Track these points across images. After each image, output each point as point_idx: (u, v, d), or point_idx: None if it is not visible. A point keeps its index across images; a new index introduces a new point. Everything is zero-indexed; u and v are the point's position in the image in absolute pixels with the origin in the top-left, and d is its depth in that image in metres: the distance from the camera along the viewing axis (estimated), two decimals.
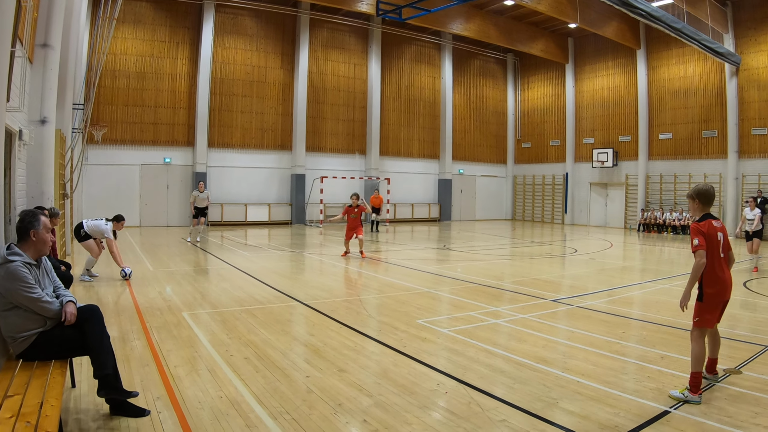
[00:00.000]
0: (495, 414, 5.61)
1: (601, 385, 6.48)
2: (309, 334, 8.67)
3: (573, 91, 38.76)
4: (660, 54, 33.22)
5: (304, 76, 32.66)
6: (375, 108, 35.65)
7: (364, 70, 35.67)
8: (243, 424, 5.22)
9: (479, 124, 41.97)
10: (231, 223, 30.50)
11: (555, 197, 40.17)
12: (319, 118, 33.95)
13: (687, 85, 32.02)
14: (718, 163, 30.48)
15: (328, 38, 34.16)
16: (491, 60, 42.11)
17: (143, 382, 6.19)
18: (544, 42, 37.09)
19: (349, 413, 5.56)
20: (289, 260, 18.08)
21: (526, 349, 7.98)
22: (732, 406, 5.87)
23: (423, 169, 38.78)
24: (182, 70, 29.60)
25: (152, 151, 28.86)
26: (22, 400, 4.25)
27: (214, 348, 7.67)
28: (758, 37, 28.54)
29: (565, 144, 39.12)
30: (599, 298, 11.96)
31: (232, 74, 31.02)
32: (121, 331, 8.27)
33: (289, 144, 32.90)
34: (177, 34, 29.37)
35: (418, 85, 38.38)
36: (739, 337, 8.76)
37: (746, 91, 29.07)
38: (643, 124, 33.90)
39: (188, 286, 12.63)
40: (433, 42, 38.50)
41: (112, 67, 27.26)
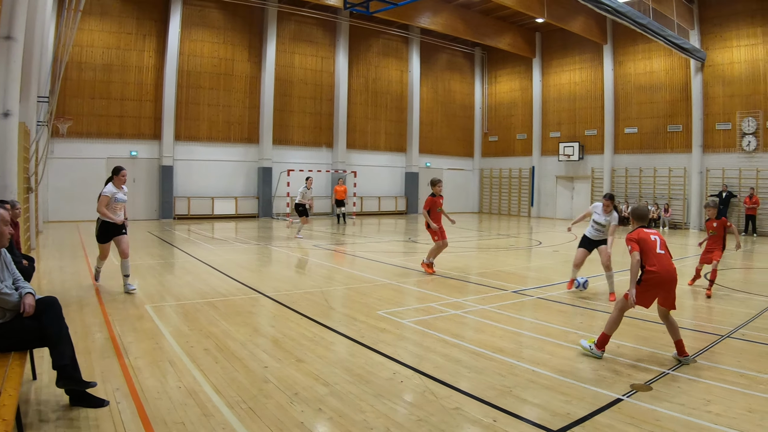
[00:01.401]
0: (448, 402, 5.74)
1: (556, 374, 6.64)
2: (269, 325, 8.76)
3: (540, 85, 39.04)
4: (626, 49, 33.58)
5: (271, 68, 32.57)
6: (342, 101, 35.64)
7: (332, 63, 35.64)
8: (200, 413, 5.30)
9: (446, 118, 42.12)
10: (198, 216, 30.39)
11: (521, 190, 40.46)
12: (286, 111, 33.87)
13: (653, 80, 32.42)
14: (682, 157, 30.90)
15: (296, 31, 34.08)
16: (459, 54, 42.27)
17: (103, 374, 6.23)
18: (512, 36, 37.31)
19: (305, 402, 5.66)
20: (255, 253, 18.10)
21: (483, 339, 8.13)
22: (684, 394, 6.04)
23: (390, 162, 38.87)
24: (149, 63, 29.36)
25: (118, 144, 28.60)
26: None
27: (175, 340, 7.72)
28: (723, 33, 28.95)
29: (532, 138, 39.42)
30: (561, 290, 12.15)
31: (199, 67, 30.85)
32: (84, 324, 8.28)
33: (255, 137, 32.82)
34: (144, 26, 29.12)
35: (385, 78, 38.44)
36: (698, 327, 8.99)
37: (711, 86, 29.50)
38: (609, 118, 34.26)
39: (152, 279, 12.63)
40: (401, 35, 38.56)
41: (78, 59, 26.97)
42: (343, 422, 5.20)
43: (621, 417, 5.44)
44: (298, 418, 5.27)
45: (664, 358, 7.31)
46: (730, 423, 5.31)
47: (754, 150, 27.89)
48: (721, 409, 5.63)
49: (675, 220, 30.90)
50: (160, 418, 5.17)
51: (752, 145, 27.89)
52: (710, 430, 5.17)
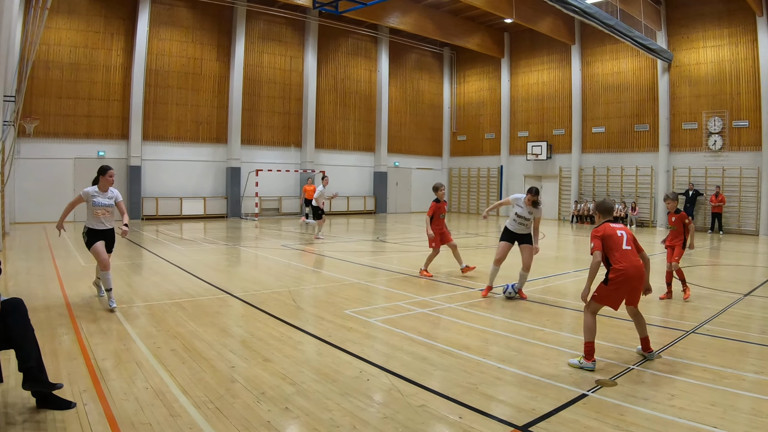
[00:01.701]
0: (414, 399, 5.80)
1: (521, 371, 6.74)
2: (237, 325, 8.77)
3: (508, 85, 39.30)
4: (594, 50, 33.95)
5: (240, 68, 32.45)
6: (311, 101, 35.59)
7: (301, 63, 35.58)
8: (167, 414, 5.31)
9: (415, 117, 42.25)
10: (166, 217, 30.20)
11: (490, 189, 40.68)
12: (255, 110, 33.77)
13: (620, 81, 32.82)
14: (649, 156, 31.32)
15: (265, 30, 33.98)
16: (428, 54, 42.41)
17: (70, 376, 6.21)
18: (480, 36, 37.52)
19: (272, 401, 5.69)
20: (223, 254, 18.05)
21: (449, 337, 8.22)
22: (649, 389, 6.16)
23: (358, 162, 38.90)
24: (117, 62, 29.10)
25: (86, 144, 28.31)
26: None
27: (142, 341, 7.70)
28: (690, 34, 29.40)
29: (500, 137, 39.66)
30: (529, 287, 12.23)
31: (168, 66, 30.64)
32: (50, 326, 8.24)
33: (224, 137, 32.68)
34: (112, 25, 28.85)
35: (354, 77, 38.45)
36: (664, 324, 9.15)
37: (678, 86, 29.95)
38: (577, 118, 34.61)
39: (120, 280, 12.54)
40: (370, 35, 38.61)
41: (45, 58, 26.65)
42: (310, 421, 5.25)
43: (586, 412, 5.54)
44: (265, 418, 5.30)
45: (629, 354, 7.43)
46: (694, 417, 5.42)
47: (719, 149, 28.34)
48: (684, 404, 5.75)
49: (642, 219, 31.31)
50: (127, 419, 5.18)
51: (718, 144, 28.33)
52: (674, 424, 5.27)
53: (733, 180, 28.19)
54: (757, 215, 27.48)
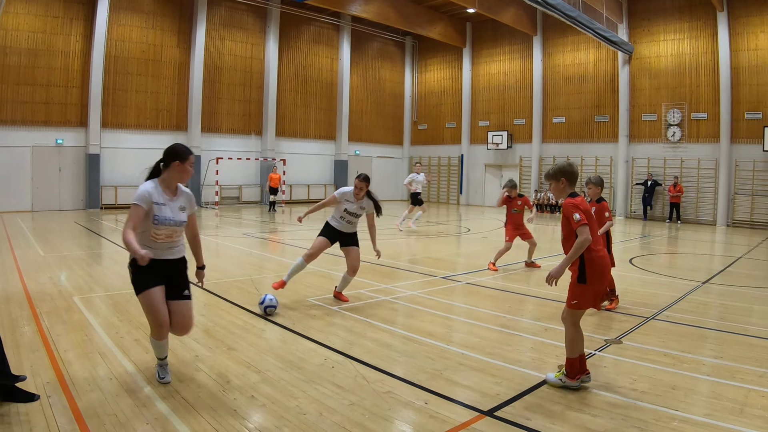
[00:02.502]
0: (380, 386, 5.87)
1: (485, 357, 6.85)
2: (200, 314, 8.71)
3: (470, 74, 39.43)
4: (556, 41, 34.23)
5: (200, 55, 32.11)
6: (272, 88, 35.38)
7: (262, 50, 35.34)
8: (133, 405, 5.30)
9: (376, 106, 42.23)
10: (125, 206, 29.67)
11: (450, 178, 40.88)
12: (215, 98, 33.48)
13: (581, 72, 33.14)
14: (609, 146, 31.72)
15: (226, 17, 33.67)
16: (390, 42, 42.37)
17: (33, 367, 6.15)
18: (443, 26, 37.56)
19: (238, 390, 5.72)
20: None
21: (413, 324, 8.31)
22: (612, 374, 6.34)
23: (319, 150, 38.74)
24: (76, 48, 28.60)
25: (44, 132, 27.81)
26: None
27: (105, 331, 7.66)
28: (651, 27, 29.81)
29: (461, 126, 39.83)
30: (490, 275, 12.41)
31: (127, 52, 30.15)
32: (11, 318, 8.14)
33: (184, 124, 32.33)
34: (71, 10, 28.30)
35: (316, 66, 38.28)
36: (624, 310, 9.31)
37: (638, 78, 30.35)
38: (538, 108, 34.90)
39: (80, 270, 12.43)
40: (332, 23, 38.44)
41: (3, 43, 26.06)
42: (276, 408, 5.29)
43: (549, 396, 5.67)
44: (231, 406, 5.33)
45: (591, 339, 7.53)
46: (655, 400, 5.57)
47: (678, 140, 28.82)
48: (646, 387, 5.91)
49: None
50: (93, 410, 5.15)
51: (677, 135, 28.80)
52: (636, 407, 5.41)
53: (692, 171, 28.69)
54: (715, 205, 28.04)
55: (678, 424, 5.06)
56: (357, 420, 5.10)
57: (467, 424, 5.06)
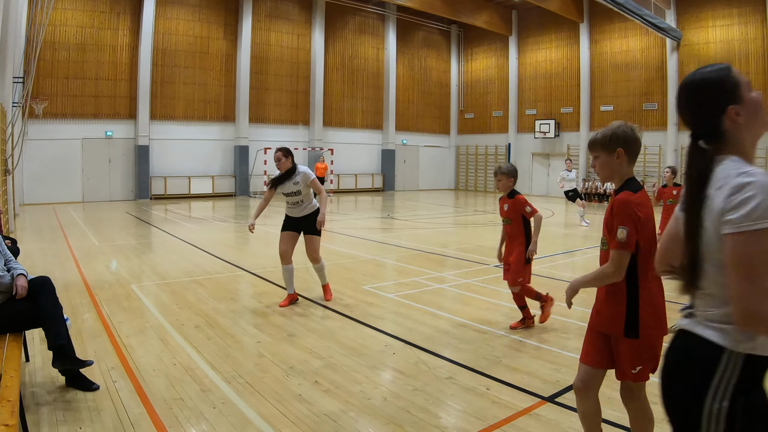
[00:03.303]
0: (442, 372, 5.85)
1: (543, 344, 6.79)
2: (258, 301, 8.79)
3: (516, 63, 39.07)
4: (603, 28, 33.71)
5: (247, 46, 32.33)
6: (318, 79, 35.48)
7: (308, 41, 35.44)
8: (198, 389, 5.35)
9: (423, 95, 42.08)
10: (175, 196, 30.18)
11: None
12: (263, 89, 33.69)
13: (629, 59, 32.61)
14: (658, 135, 31.15)
15: (272, 8, 33.82)
16: (435, 31, 42.16)
17: (97, 354, 6.22)
18: (488, 14, 37.26)
19: (301, 375, 5.74)
20: (234, 231, 18.11)
21: (469, 312, 8.26)
22: None
23: (366, 140, 38.80)
24: (123, 42, 28.99)
25: (94, 124, 28.27)
26: None
27: (165, 318, 7.75)
28: (699, 13, 29.19)
29: (508, 115, 39.49)
30: (541, 264, 12.28)
31: (175, 45, 30.53)
32: (71, 305, 8.25)
33: (232, 115, 32.62)
34: (118, 4, 28.68)
35: (361, 55, 38.30)
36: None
37: (686, 65, 29.69)
38: (585, 96, 34.44)
39: (135, 259, 12.61)
40: (377, 13, 38.37)
41: (52, 39, 26.46)
42: (341, 393, 5.30)
43: (608, 383, 5.51)
44: (296, 391, 5.35)
45: None
46: None
47: None
48: None
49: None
50: (159, 395, 5.21)
51: None
52: None
53: None
54: None
55: None
56: (421, 405, 5.09)
57: (529, 409, 5.03)
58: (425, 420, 4.79)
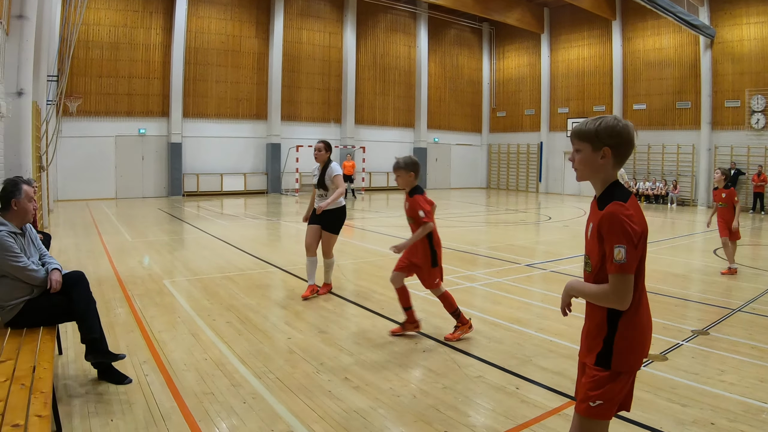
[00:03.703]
0: (472, 371, 5.84)
1: (574, 344, 6.69)
2: (289, 298, 8.83)
3: (548, 60, 38.82)
4: (635, 25, 33.34)
5: (279, 44, 32.49)
6: (350, 77, 35.59)
7: (340, 39, 35.54)
8: (228, 384, 5.39)
9: (454, 93, 41.99)
10: (207, 193, 30.42)
11: (530, 166, 40.36)
12: (294, 87, 33.82)
13: (662, 57, 32.22)
14: (691, 134, 30.77)
15: (303, 7, 33.95)
16: (467, 29, 42.05)
17: (129, 347, 6.31)
18: (520, 12, 37.07)
19: (331, 371, 5.76)
20: (266, 228, 18.19)
21: (500, 311, 8.23)
22: (698, 364, 6.13)
23: (398, 138, 38.76)
24: (156, 40, 29.27)
25: (127, 122, 28.58)
26: (14, 364, 4.37)
27: (197, 313, 7.82)
28: (733, 10, 28.74)
29: (540, 113, 39.24)
30: (573, 263, 12.21)
31: (207, 43, 30.76)
32: (104, 300, 8.33)
33: (264, 113, 32.82)
34: (150, 4, 28.99)
35: (393, 53, 38.30)
36: (709, 301, 9.05)
37: (720, 63, 29.31)
38: (618, 94, 34.10)
39: (167, 255, 12.72)
40: (409, 11, 38.35)
41: (85, 37, 26.79)
42: (371, 390, 5.31)
43: (639, 385, 5.48)
44: (326, 387, 5.37)
45: (677, 329, 7.38)
46: (743, 392, 5.41)
47: (762, 128, 27.77)
48: (734, 379, 5.73)
49: (683, 197, 30.82)
50: (190, 389, 5.26)
51: (761, 122, 27.77)
52: (724, 398, 5.27)
53: None
54: None
55: (767, 417, 4.91)
56: (450, 403, 5.09)
57: (558, 409, 5.01)
58: (454, 418, 4.79)
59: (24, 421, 3.48)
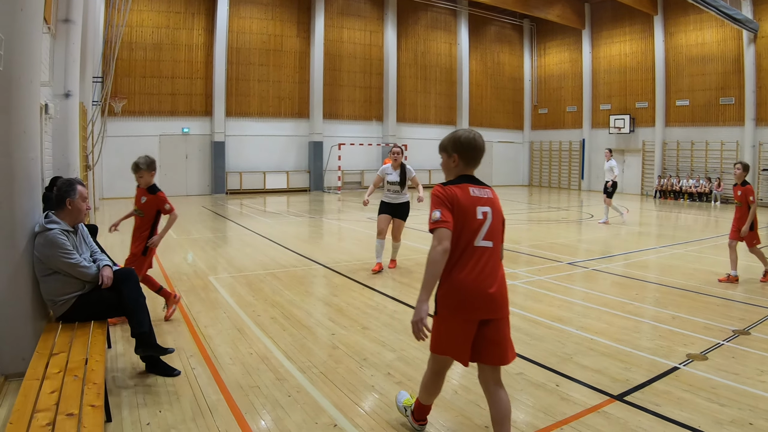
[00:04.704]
0: (512, 367, 5.84)
1: (614, 343, 6.73)
2: (332, 294, 8.93)
3: (590, 57, 38.50)
4: (677, 20, 32.92)
5: (320, 44, 32.74)
6: (391, 74, 35.69)
7: (380, 37, 35.66)
8: (273, 378, 5.51)
9: (496, 90, 41.85)
10: (250, 191, 30.74)
11: (572, 163, 40.09)
12: (336, 85, 34.04)
13: (704, 52, 31.76)
14: (735, 130, 30.31)
15: (344, 6, 34.15)
16: (507, 26, 41.89)
17: (176, 342, 6.46)
18: (561, 8, 36.85)
19: (374, 367, 5.86)
20: (309, 226, 18.33)
21: (542, 309, 8.23)
22: (738, 365, 6.09)
23: (440, 135, 37.45)
24: (198, 41, 29.67)
25: (170, 121, 29.04)
26: (67, 357, 4.53)
27: (242, 309, 7.96)
28: None
29: (582, 110, 38.94)
30: (615, 262, 12.15)
31: (249, 43, 31.09)
32: (150, 296, 8.41)
33: (306, 111, 33.07)
34: (192, 5, 29.40)
35: (434, 51, 38.31)
36: (752, 301, 8.95)
37: (764, 58, 28.79)
38: (660, 90, 33.70)
39: (212, 251, 12.91)
40: (449, 8, 38.35)
41: (129, 39, 27.26)
42: (413, 385, 5.36)
43: (678, 384, 5.53)
44: (369, 382, 5.47)
45: (719, 329, 7.34)
46: None
47: None
48: None
49: (727, 195, 30.31)
50: (236, 382, 5.39)
51: None
52: (763, 398, 5.25)
53: None
54: None
55: None
56: None
57: (598, 407, 5.03)
58: None
59: (78, 410, 3.61)
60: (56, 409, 3.62)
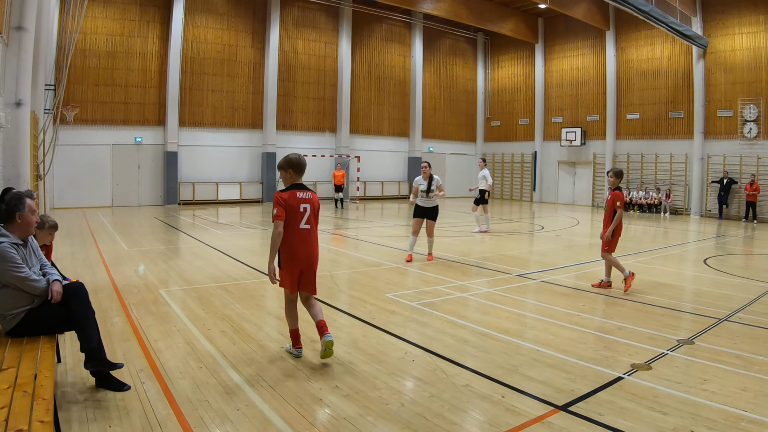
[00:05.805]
0: (459, 380, 6.00)
1: (560, 354, 6.89)
2: (282, 308, 8.92)
3: (542, 70, 39.04)
4: (629, 35, 33.57)
5: (274, 54, 32.69)
6: (345, 86, 35.77)
7: (335, 49, 35.73)
8: (223, 392, 5.57)
9: (449, 103, 42.18)
10: (203, 202, 30.56)
11: (524, 175, 40.51)
12: (290, 96, 34.02)
13: (655, 67, 32.44)
14: (684, 143, 30.98)
15: (299, 17, 34.17)
16: (462, 39, 42.26)
17: (126, 356, 6.46)
18: (514, 22, 37.30)
19: (322, 380, 5.94)
20: (261, 238, 18.28)
21: (489, 321, 8.38)
22: (682, 374, 6.30)
23: (393, 147, 38.95)
24: (153, 49, 29.43)
25: (123, 130, 28.73)
26: (16, 372, 4.51)
27: (192, 322, 7.97)
28: (725, 20, 28.96)
29: (534, 123, 39.43)
30: (564, 273, 12.39)
31: (203, 53, 30.93)
32: (101, 309, 8.46)
33: (260, 122, 32.97)
34: (147, 13, 29.18)
35: (388, 63, 38.51)
36: (697, 311, 9.21)
37: (713, 73, 29.52)
38: (612, 104, 34.31)
39: (163, 264, 12.85)
40: (404, 21, 38.58)
41: (82, 46, 26.94)
42: (360, 398, 5.47)
43: (622, 394, 5.70)
44: (317, 395, 5.55)
45: (663, 339, 7.54)
46: (725, 401, 5.56)
47: (755, 137, 27.98)
48: (716, 388, 5.88)
49: (676, 206, 31.01)
50: (185, 396, 5.43)
51: (753, 132, 27.98)
52: (705, 407, 5.41)
53: None
54: None
55: (746, 425, 5.06)
56: (437, 411, 5.25)
57: (542, 417, 5.17)
58: (440, 426, 4.95)
59: (27, 426, 3.63)
60: (5, 425, 3.63)
